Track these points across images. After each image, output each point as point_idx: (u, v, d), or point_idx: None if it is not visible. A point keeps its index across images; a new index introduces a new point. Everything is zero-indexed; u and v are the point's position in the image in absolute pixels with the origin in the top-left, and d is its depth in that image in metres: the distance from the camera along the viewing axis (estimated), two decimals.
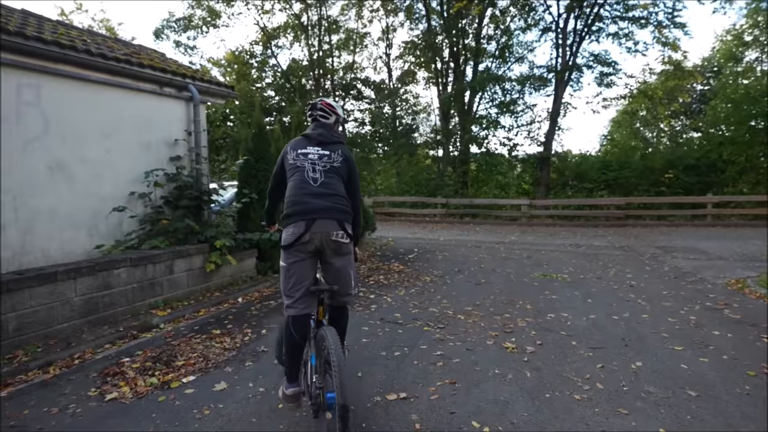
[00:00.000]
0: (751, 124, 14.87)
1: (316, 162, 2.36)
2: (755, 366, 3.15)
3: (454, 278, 6.30)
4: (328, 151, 2.40)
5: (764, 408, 2.57)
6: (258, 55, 22.44)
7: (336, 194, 2.32)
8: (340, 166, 2.39)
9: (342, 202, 2.34)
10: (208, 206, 5.88)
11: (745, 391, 2.78)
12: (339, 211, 2.29)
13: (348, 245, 2.34)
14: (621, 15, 16.43)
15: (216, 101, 6.70)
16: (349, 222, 2.33)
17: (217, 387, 2.88)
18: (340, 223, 2.27)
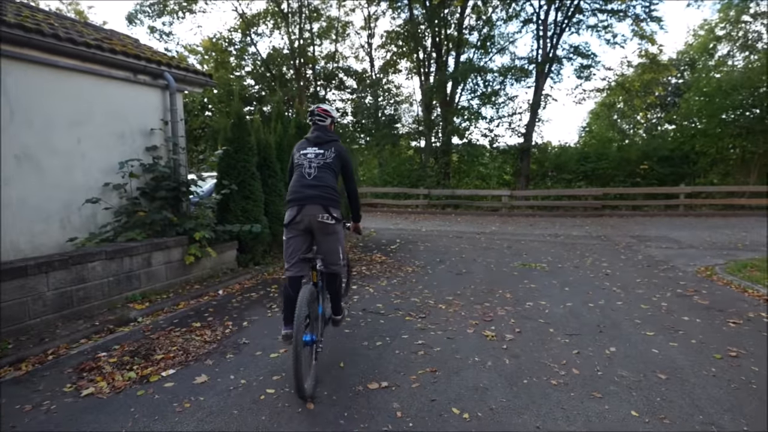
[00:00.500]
0: (722, 117, 15.36)
1: (312, 160, 2.96)
2: (721, 349, 3.30)
3: (435, 268, 6.37)
4: (323, 149, 2.99)
5: (728, 388, 2.70)
6: (237, 42, 21.88)
7: (325, 185, 2.89)
8: (332, 162, 2.98)
9: (329, 191, 2.89)
10: (187, 198, 5.76)
11: (711, 373, 2.91)
12: (325, 199, 2.85)
13: (334, 225, 2.89)
14: (600, 7, 16.65)
15: (193, 90, 6.53)
16: (335, 207, 2.87)
17: (197, 380, 2.86)
18: (326, 208, 2.84)
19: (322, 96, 22.52)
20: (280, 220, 6.50)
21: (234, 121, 6.22)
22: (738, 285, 5.16)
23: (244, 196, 6.08)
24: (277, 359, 3.19)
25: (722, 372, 2.93)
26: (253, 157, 6.29)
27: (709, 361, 3.10)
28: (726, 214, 13.51)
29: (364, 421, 2.38)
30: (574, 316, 4.16)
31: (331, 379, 2.86)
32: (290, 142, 7.43)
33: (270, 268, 6.19)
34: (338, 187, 3.01)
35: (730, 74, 16.57)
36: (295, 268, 2.93)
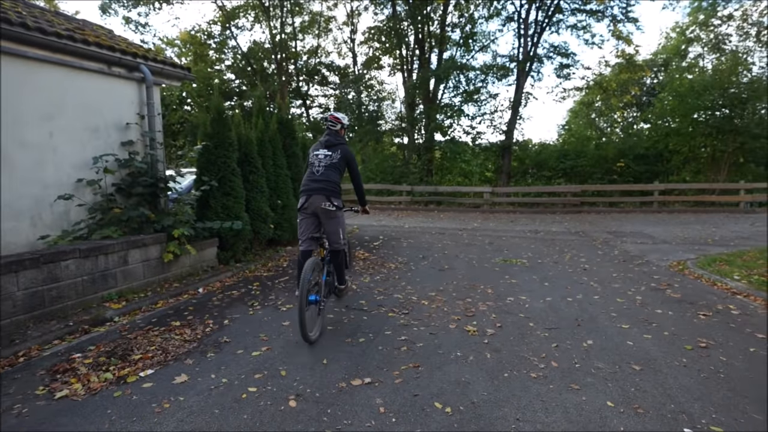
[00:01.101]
0: (693, 117, 15.89)
1: (321, 160, 3.78)
2: (692, 340, 3.43)
3: (418, 264, 6.41)
4: (331, 152, 3.81)
5: (698, 378, 2.81)
6: (216, 35, 21.43)
7: (329, 181, 3.72)
8: (338, 162, 3.79)
9: (332, 185, 3.72)
10: (165, 194, 5.63)
11: (682, 364, 3.02)
12: (328, 191, 3.69)
13: (335, 212, 3.71)
14: (579, 7, 16.98)
15: (171, 83, 6.37)
16: (336, 197, 3.70)
17: (177, 380, 2.81)
18: (328, 197, 3.67)
19: (304, 92, 22.31)
20: (262, 217, 6.50)
21: (214, 116, 6.10)
22: (708, 279, 5.36)
23: (225, 192, 5.98)
24: (259, 357, 3.16)
25: (692, 362, 3.05)
26: (234, 152, 6.19)
27: (680, 352, 3.22)
28: (697, 210, 14.01)
29: (347, 418, 2.38)
30: (553, 310, 4.26)
31: (314, 376, 2.86)
32: (272, 137, 7.35)
33: (251, 265, 6.11)
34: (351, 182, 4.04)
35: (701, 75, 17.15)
36: (305, 244, 3.77)
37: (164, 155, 6.00)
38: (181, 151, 6.69)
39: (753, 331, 3.62)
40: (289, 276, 5.68)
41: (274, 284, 5.27)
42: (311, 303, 3.35)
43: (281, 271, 6.01)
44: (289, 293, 4.87)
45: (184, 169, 6.57)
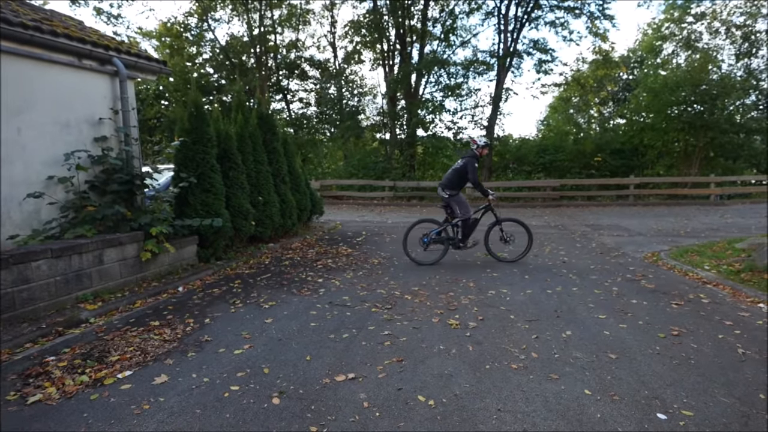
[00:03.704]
0: (667, 113, 16.37)
1: (454, 166, 6.06)
2: (665, 329, 3.55)
3: (401, 260, 6.43)
4: (460, 161, 6.03)
5: (671, 365, 2.91)
6: (193, 28, 20.91)
7: (448, 179, 5.96)
8: (459, 168, 5.94)
9: (448, 182, 5.93)
10: (141, 191, 5.49)
11: (656, 351, 3.13)
12: (444, 186, 5.93)
13: (448, 198, 5.93)
14: (558, 4, 17.22)
15: (146, 77, 6.19)
16: (450, 189, 5.92)
17: (157, 380, 2.75)
18: (443, 189, 5.97)
19: (285, 86, 22.01)
20: (243, 214, 6.42)
21: (191, 111, 5.96)
22: (680, 269, 5.56)
23: (204, 189, 5.87)
24: (242, 355, 3.13)
25: (665, 350, 3.16)
26: (213, 148, 6.07)
27: (654, 340, 3.33)
28: (670, 203, 14.48)
29: (330, 414, 2.38)
30: (534, 302, 4.34)
31: (297, 373, 2.85)
32: (252, 133, 7.23)
33: (233, 263, 6.03)
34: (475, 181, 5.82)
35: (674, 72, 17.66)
36: (445, 214, 6.12)
37: (140, 151, 5.84)
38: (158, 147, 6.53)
39: (721, 319, 3.78)
40: (272, 273, 5.63)
41: (256, 282, 5.22)
42: (425, 243, 6.10)
43: (263, 268, 5.95)
44: (272, 290, 4.83)
45: (161, 166, 6.43)
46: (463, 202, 5.97)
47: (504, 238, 6.16)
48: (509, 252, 6.35)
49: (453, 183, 5.87)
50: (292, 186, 8.24)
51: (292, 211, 7.84)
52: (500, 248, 6.32)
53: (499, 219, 6.16)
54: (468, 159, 5.82)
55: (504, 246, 6.28)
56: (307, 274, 5.55)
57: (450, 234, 6.09)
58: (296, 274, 5.56)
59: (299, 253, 6.98)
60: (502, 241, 6.17)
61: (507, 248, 6.33)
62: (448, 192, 5.84)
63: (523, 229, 6.19)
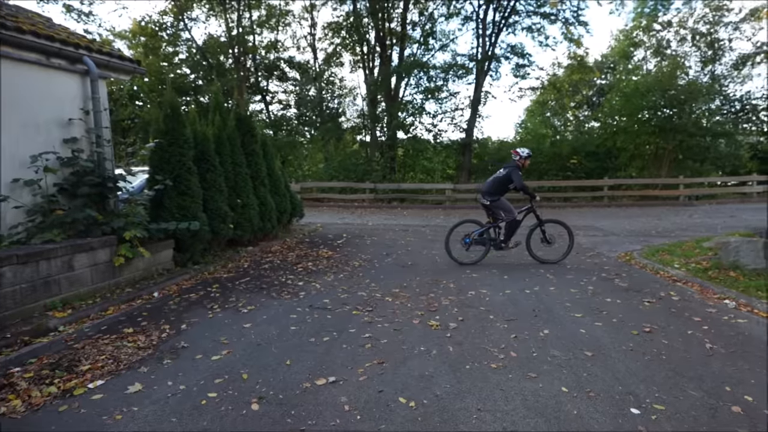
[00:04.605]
0: (639, 116, 16.94)
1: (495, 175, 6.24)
2: (638, 326, 3.66)
3: (382, 262, 6.44)
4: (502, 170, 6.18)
5: (643, 361, 3.00)
6: (169, 27, 20.45)
7: (489, 187, 6.14)
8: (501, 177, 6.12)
9: (490, 189, 6.11)
10: (114, 194, 5.32)
11: (629, 348, 3.22)
12: (485, 192, 6.17)
13: (489, 204, 6.13)
14: (534, 10, 17.62)
15: (119, 77, 6.01)
16: (491, 195, 6.10)
17: (130, 389, 2.67)
18: (484, 196, 6.18)
19: (263, 87, 21.76)
20: (221, 217, 6.30)
21: (167, 112, 5.82)
22: (652, 268, 5.75)
23: (180, 191, 5.74)
24: (220, 361, 3.07)
25: (638, 346, 3.26)
26: (190, 150, 5.95)
27: (627, 338, 3.43)
28: (642, 204, 14.97)
29: (311, 418, 2.36)
30: (512, 302, 4.41)
31: (277, 378, 2.81)
32: (230, 135, 7.11)
33: (210, 267, 5.91)
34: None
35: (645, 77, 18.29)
36: (488, 217, 6.32)
37: (113, 153, 5.67)
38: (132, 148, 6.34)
39: (690, 315, 3.92)
40: (251, 277, 5.55)
41: (235, 286, 5.13)
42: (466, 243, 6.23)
43: (242, 271, 5.85)
44: (251, 294, 4.75)
45: (135, 168, 6.24)
46: (507, 205, 6.12)
47: (545, 239, 6.26)
48: (550, 252, 6.35)
49: (493, 191, 6.07)
50: (272, 188, 8.14)
51: (271, 213, 7.74)
52: (541, 249, 6.33)
53: (542, 220, 6.23)
54: (511, 168, 5.99)
55: (546, 247, 6.33)
56: (287, 278, 5.49)
57: (492, 235, 6.22)
58: (276, 278, 5.49)
59: (279, 256, 6.90)
60: (544, 242, 6.27)
61: (549, 249, 6.35)
62: (489, 199, 6.07)
63: (564, 229, 6.28)
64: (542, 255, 6.28)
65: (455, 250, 6.22)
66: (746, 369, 2.87)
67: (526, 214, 6.25)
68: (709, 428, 2.24)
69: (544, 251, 6.35)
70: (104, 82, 5.61)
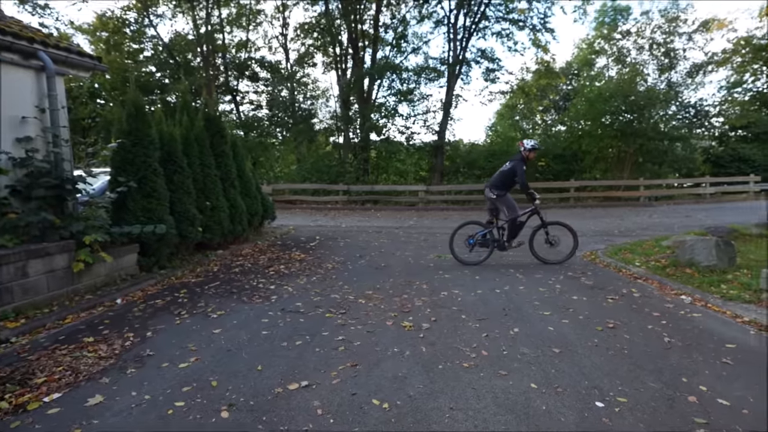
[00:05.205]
0: (602, 121, 17.66)
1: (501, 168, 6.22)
2: (602, 322, 3.81)
3: (355, 264, 6.42)
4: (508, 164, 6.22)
5: (607, 356, 3.12)
6: (132, 23, 19.70)
7: (495, 180, 6.12)
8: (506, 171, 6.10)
9: (496, 183, 6.08)
10: (73, 196, 5.07)
11: (594, 344, 3.34)
12: (491, 186, 6.09)
13: (494, 199, 6.06)
14: (503, 16, 18.06)
15: (78, 74, 5.73)
16: (497, 189, 6.03)
17: (90, 401, 2.54)
18: (491, 190, 6.09)
19: (233, 86, 21.30)
20: (189, 219, 6.12)
21: (131, 111, 5.60)
22: (615, 266, 5.99)
23: (146, 194, 5.53)
24: (187, 369, 2.97)
25: (602, 342, 3.39)
26: (155, 151, 5.74)
27: (592, 334, 3.56)
28: (606, 204, 15.59)
29: (283, 423, 2.32)
30: (483, 302, 4.49)
31: (247, 384, 2.74)
32: (198, 135, 6.93)
33: (178, 271, 5.72)
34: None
35: (607, 83, 19.09)
36: (488, 215, 6.30)
37: (71, 153, 5.39)
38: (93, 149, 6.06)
39: (650, 311, 4.11)
40: (221, 281, 5.41)
41: (204, 290, 4.98)
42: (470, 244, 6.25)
43: (211, 276, 5.69)
44: (221, 299, 4.63)
45: (96, 169, 5.95)
46: (511, 202, 6.06)
47: (549, 241, 6.25)
48: (554, 254, 6.33)
49: (500, 184, 6.00)
50: (242, 190, 7.97)
51: (242, 216, 7.58)
52: (544, 250, 6.32)
53: (545, 222, 6.21)
54: (516, 162, 5.93)
55: (549, 248, 6.31)
56: (258, 281, 5.38)
57: (495, 236, 6.23)
58: (247, 282, 5.37)
59: (250, 259, 6.76)
60: (548, 243, 6.25)
61: (552, 250, 6.34)
62: (496, 192, 5.98)
63: (567, 231, 6.28)
64: (545, 256, 6.27)
65: (459, 251, 6.28)
66: (701, 361, 3.03)
67: (530, 216, 6.27)
68: (668, 418, 2.35)
69: (548, 252, 6.35)
70: (62, 79, 5.34)
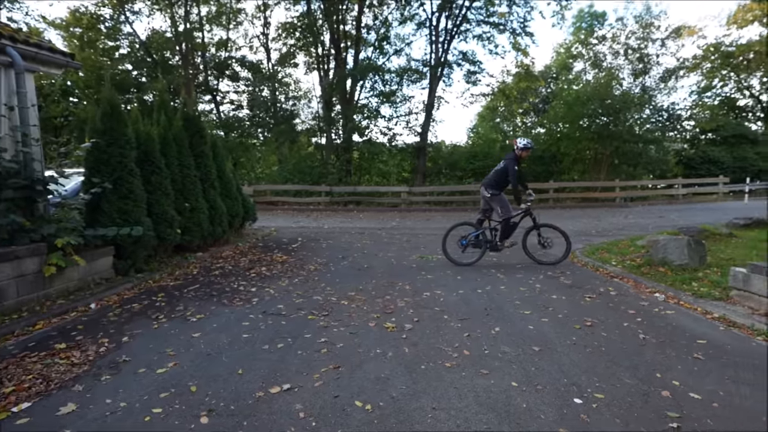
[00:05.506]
0: (579, 123, 18.08)
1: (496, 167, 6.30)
2: (580, 321, 3.89)
3: (338, 265, 6.39)
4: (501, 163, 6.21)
5: (585, 353, 3.19)
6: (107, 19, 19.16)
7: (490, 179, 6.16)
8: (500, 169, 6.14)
9: (491, 182, 6.10)
10: (44, 197, 4.89)
11: (572, 342, 3.42)
12: (487, 185, 6.14)
13: (490, 197, 6.11)
14: (484, 19, 18.31)
15: (50, 71, 5.54)
16: (492, 188, 6.10)
17: (62, 410, 2.46)
18: (486, 188, 6.17)
19: (213, 86, 20.96)
20: (168, 221, 5.99)
21: (106, 110, 5.45)
22: (592, 265, 6.14)
23: (121, 195, 5.39)
24: (165, 374, 2.90)
25: (581, 339, 3.46)
26: (131, 151, 5.60)
27: (571, 332, 3.64)
28: (583, 205, 15.97)
29: (264, 428, 2.29)
30: (465, 302, 4.54)
31: (228, 389, 2.70)
32: (176, 135, 6.78)
33: (156, 274, 5.58)
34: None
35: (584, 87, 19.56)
36: (480, 215, 6.36)
37: (42, 153, 5.21)
38: (66, 148, 5.86)
39: (626, 309, 4.23)
40: (200, 284, 5.30)
41: (183, 294, 4.88)
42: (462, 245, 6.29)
43: (191, 279, 5.58)
44: (200, 302, 4.54)
45: (69, 170, 5.76)
46: (505, 202, 6.11)
47: (542, 243, 6.28)
48: (547, 255, 6.34)
49: (494, 184, 6.07)
50: (223, 191, 7.84)
51: (222, 217, 7.46)
52: (538, 251, 6.35)
53: (538, 224, 6.25)
54: (508, 161, 5.96)
55: (542, 250, 6.34)
56: (239, 284, 5.30)
57: (488, 237, 6.29)
58: (227, 284, 5.29)
59: (231, 261, 6.65)
60: (540, 245, 6.29)
61: (545, 251, 6.36)
62: (491, 191, 6.06)
63: (559, 234, 6.23)
64: (539, 257, 6.32)
65: (452, 252, 6.32)
66: (674, 356, 3.14)
67: (523, 217, 6.31)
68: (643, 412, 2.42)
69: (541, 254, 6.38)
70: (32, 76, 5.15)
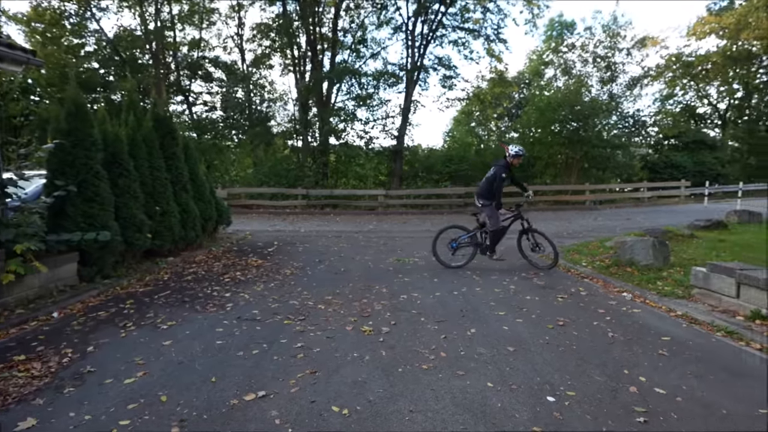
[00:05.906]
0: (551, 128, 18.60)
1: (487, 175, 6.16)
2: (552, 320, 3.99)
3: (314, 269, 6.33)
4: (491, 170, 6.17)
5: (557, 352, 3.28)
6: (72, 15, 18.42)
7: (482, 188, 6.08)
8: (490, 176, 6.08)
9: (483, 191, 6.04)
10: (2, 201, 4.65)
11: (545, 341, 3.50)
12: (479, 195, 6.09)
13: (482, 207, 6.08)
14: (459, 25, 18.61)
15: (8, 68, 5.27)
16: (484, 198, 6.05)
17: (21, 426, 2.33)
18: (478, 198, 6.16)
19: (186, 86, 20.45)
20: (137, 225, 5.81)
21: (70, 110, 5.23)
22: (564, 266, 6.31)
23: (87, 198, 5.18)
24: (134, 384, 2.80)
25: (553, 339, 3.55)
26: (98, 152, 5.40)
27: (544, 331, 3.72)
28: (555, 208, 16.42)
29: None
30: (442, 304, 4.58)
31: (200, 398, 2.63)
32: (146, 136, 6.58)
33: (124, 281, 5.38)
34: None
35: (556, 93, 20.15)
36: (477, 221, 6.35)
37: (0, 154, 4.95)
38: (26, 149, 5.58)
39: (596, 308, 4.36)
40: (171, 290, 5.15)
41: (153, 300, 4.72)
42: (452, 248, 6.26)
43: (161, 284, 5.41)
44: (171, 309, 4.41)
45: (30, 172, 5.50)
46: (494, 213, 6.02)
47: (533, 248, 6.28)
48: (539, 260, 6.45)
49: (485, 193, 5.97)
50: (195, 194, 7.65)
51: (195, 221, 7.27)
52: (531, 254, 6.38)
53: (530, 228, 6.25)
54: (497, 168, 5.86)
55: (534, 254, 6.38)
56: (212, 289, 5.18)
57: (479, 239, 6.24)
58: (200, 290, 5.15)
59: (204, 266, 6.49)
60: (532, 250, 6.30)
61: (537, 256, 6.44)
62: (482, 201, 5.98)
63: (548, 242, 6.21)
64: (534, 260, 6.39)
65: (442, 255, 6.32)
66: (640, 353, 3.26)
67: (513, 221, 6.34)
68: (612, 408, 2.50)
69: (534, 256, 6.45)
70: None
